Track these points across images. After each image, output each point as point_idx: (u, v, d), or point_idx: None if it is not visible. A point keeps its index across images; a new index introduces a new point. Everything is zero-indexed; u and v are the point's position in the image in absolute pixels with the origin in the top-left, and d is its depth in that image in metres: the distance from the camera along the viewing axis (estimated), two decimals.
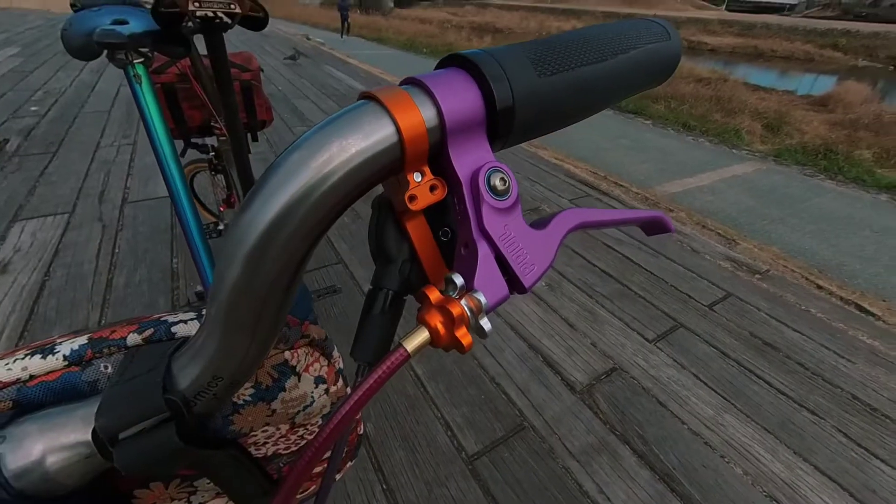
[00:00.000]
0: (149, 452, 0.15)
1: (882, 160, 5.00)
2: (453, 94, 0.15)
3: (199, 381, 0.16)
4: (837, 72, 18.26)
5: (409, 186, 0.15)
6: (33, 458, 0.14)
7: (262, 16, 0.61)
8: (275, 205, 0.13)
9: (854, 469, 1.01)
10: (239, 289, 0.14)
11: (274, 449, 0.23)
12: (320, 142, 0.14)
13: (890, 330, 1.51)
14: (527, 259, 0.16)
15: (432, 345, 0.14)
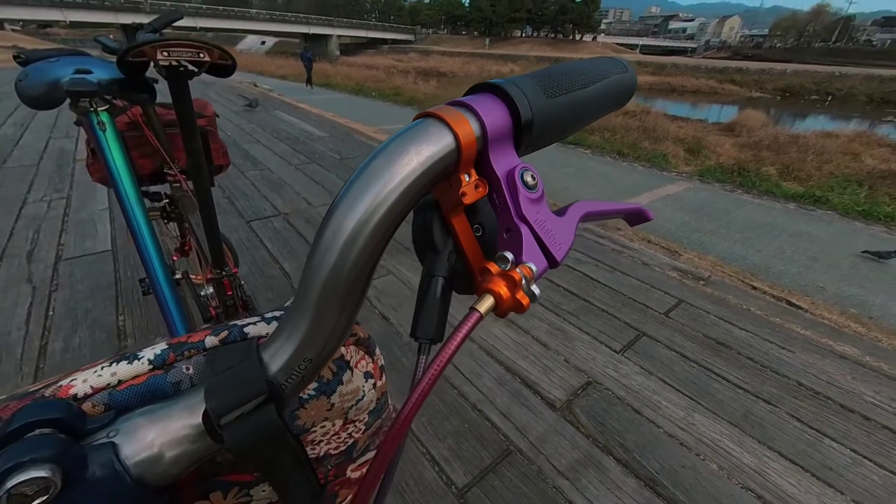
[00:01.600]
0: (254, 431, 0.16)
1: (784, 174, 5.75)
2: (490, 112, 0.18)
3: (290, 363, 0.18)
4: (737, 102, 21.09)
5: (462, 185, 0.18)
6: (147, 447, 0.15)
7: (230, 63, 0.62)
8: (365, 200, 0.16)
9: (811, 450, 1.09)
10: (335, 272, 0.16)
11: (326, 448, 0.23)
12: (400, 148, 0.17)
13: (817, 321, 1.69)
14: (555, 239, 0.19)
15: (495, 310, 0.17)
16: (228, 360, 0.17)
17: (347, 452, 0.25)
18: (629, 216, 0.24)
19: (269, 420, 0.16)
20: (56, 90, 0.63)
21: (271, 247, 2.03)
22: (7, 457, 0.12)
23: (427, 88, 12.98)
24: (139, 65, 0.57)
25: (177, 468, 0.15)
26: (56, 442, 0.13)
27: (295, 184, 2.94)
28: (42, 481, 0.12)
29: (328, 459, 0.24)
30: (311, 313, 0.17)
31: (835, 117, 17.93)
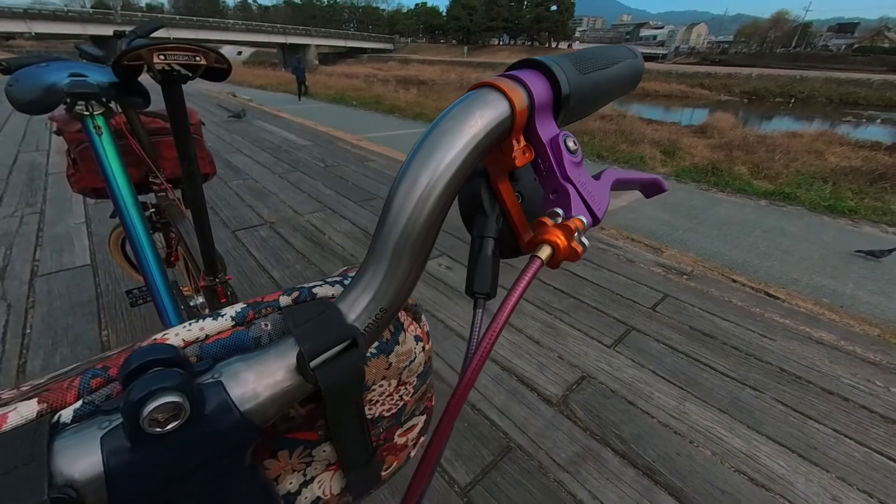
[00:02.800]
0: (340, 373, 0.17)
1: (755, 173, 5.99)
2: (536, 84, 0.20)
3: (367, 313, 0.19)
4: (708, 105, 21.91)
5: (513, 150, 0.20)
6: (249, 388, 0.16)
7: (225, 67, 0.63)
8: (436, 158, 0.18)
9: (796, 432, 1.14)
10: (409, 225, 0.18)
11: (380, 410, 0.24)
12: (466, 112, 0.19)
13: (794, 309, 1.76)
14: (595, 199, 0.21)
15: (552, 259, 0.19)
16: (308, 313, 0.19)
17: (397, 416, 0.26)
18: (646, 187, 0.26)
19: (355, 362, 0.18)
20: (51, 94, 0.62)
21: (258, 256, 2.00)
22: (141, 386, 0.13)
23: (408, 96, 13.04)
24: (134, 69, 0.57)
25: (273, 408, 0.16)
26: (178, 375, 0.14)
27: (280, 192, 2.91)
28: (174, 406, 0.13)
29: (381, 422, 0.25)
30: (385, 265, 0.19)
31: (798, 118, 18.84)
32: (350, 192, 2.99)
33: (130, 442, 0.13)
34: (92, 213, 2.34)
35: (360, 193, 2.96)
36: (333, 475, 0.24)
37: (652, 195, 0.27)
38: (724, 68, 36.42)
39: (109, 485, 0.13)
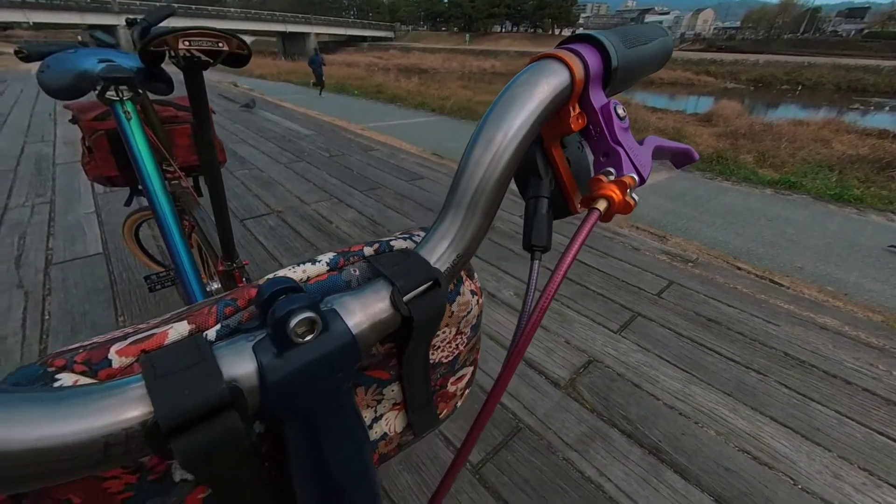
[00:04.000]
0: (428, 308, 0.20)
1: (760, 162, 5.95)
2: (591, 56, 0.22)
3: (445, 258, 0.22)
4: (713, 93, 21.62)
5: (570, 116, 0.23)
6: (356, 316, 0.18)
7: (245, 53, 0.64)
8: (511, 119, 0.20)
9: (799, 413, 1.17)
10: (485, 178, 0.21)
11: (440, 356, 0.26)
12: (534, 79, 0.21)
13: (798, 296, 1.78)
14: (641, 161, 0.23)
15: (607, 211, 0.22)
16: (395, 259, 0.21)
17: (452, 364, 0.28)
18: (679, 156, 0.28)
19: (438, 300, 0.20)
20: (84, 79, 0.63)
21: (267, 244, 2.02)
22: (284, 304, 0.15)
23: (409, 86, 12.92)
24: (159, 55, 0.58)
25: (373, 336, 0.18)
26: (309, 298, 0.16)
27: (286, 182, 2.92)
28: (310, 321, 0.16)
29: (439, 367, 0.27)
30: (462, 215, 0.21)
31: (805, 106, 18.59)
32: (355, 181, 2.99)
33: (277, 349, 0.15)
34: (101, 202, 2.36)
35: (365, 182, 2.97)
36: (398, 414, 0.26)
37: (682, 165, 0.29)
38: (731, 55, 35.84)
39: (262, 384, 0.15)
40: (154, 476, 0.16)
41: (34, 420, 0.11)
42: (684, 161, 0.28)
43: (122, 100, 0.65)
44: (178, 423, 0.13)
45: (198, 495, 0.18)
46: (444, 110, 8.50)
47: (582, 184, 0.27)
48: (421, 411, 0.27)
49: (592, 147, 0.24)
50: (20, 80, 7.79)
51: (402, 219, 2.39)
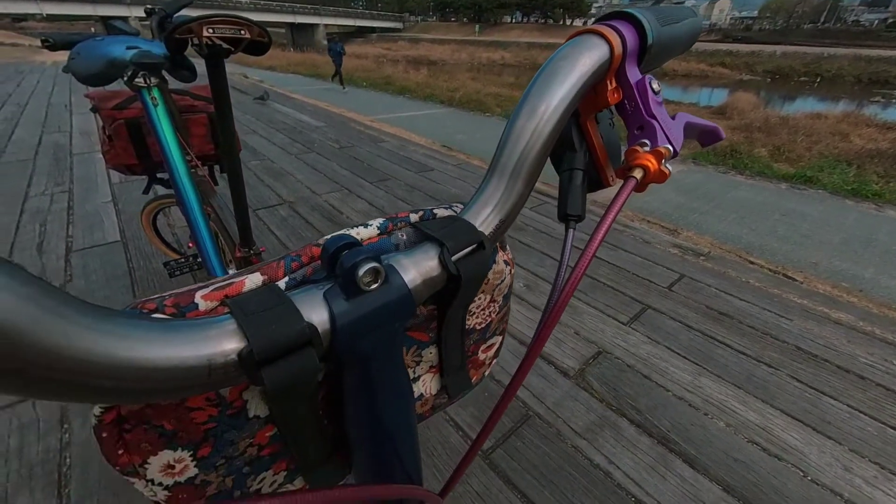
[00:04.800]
0: (473, 268, 0.21)
1: (776, 156, 5.83)
2: (628, 32, 0.23)
3: (488, 223, 0.23)
4: (728, 85, 21.15)
5: (609, 89, 0.24)
6: (410, 272, 0.19)
7: (266, 41, 0.65)
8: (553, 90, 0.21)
9: (811, 407, 1.16)
10: (528, 148, 0.22)
11: (474, 322, 0.27)
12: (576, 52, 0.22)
13: (812, 291, 1.76)
14: (673, 134, 0.24)
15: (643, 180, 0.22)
16: (442, 223, 0.22)
17: (483, 331, 0.29)
18: (705, 134, 0.29)
19: (482, 261, 0.21)
20: (115, 66, 0.65)
21: (279, 234, 2.05)
22: (352, 255, 0.17)
23: (418, 77, 12.83)
24: (183, 42, 0.59)
25: (425, 291, 0.20)
26: (372, 251, 0.18)
27: (296, 172, 2.95)
28: (375, 271, 0.17)
29: (472, 334, 0.28)
30: (505, 182, 0.22)
31: (824, 98, 18.09)
32: (365, 172, 3.01)
33: (346, 295, 0.17)
34: (118, 192, 2.41)
35: (375, 174, 2.98)
36: (433, 377, 0.27)
37: (708, 144, 0.29)
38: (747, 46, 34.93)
39: (332, 327, 0.16)
40: (232, 411, 0.18)
41: (158, 343, 0.13)
42: (711, 140, 0.29)
43: (149, 86, 0.67)
44: (268, 354, 0.14)
45: (266, 433, 0.20)
46: (453, 102, 8.45)
47: (612, 158, 0.27)
48: (455, 374, 0.28)
49: (627, 120, 0.25)
50: (36, 72, 7.91)
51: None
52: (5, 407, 1.06)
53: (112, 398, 0.12)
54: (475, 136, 5.46)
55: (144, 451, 0.17)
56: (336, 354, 0.17)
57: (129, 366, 0.12)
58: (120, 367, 0.12)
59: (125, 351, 0.12)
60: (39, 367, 0.10)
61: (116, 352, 0.12)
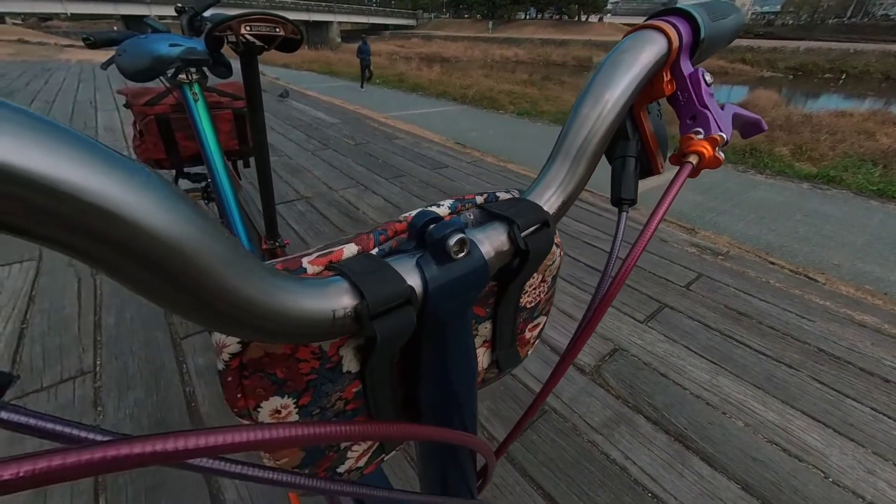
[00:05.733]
0: (540, 245, 0.23)
1: (797, 154, 5.68)
2: (684, 27, 0.24)
3: (552, 202, 0.24)
4: (748, 82, 20.63)
5: (664, 81, 0.25)
6: (485, 245, 0.21)
7: (298, 38, 0.67)
8: (618, 79, 0.23)
9: (833, 409, 1.15)
10: (592, 133, 0.23)
11: (525, 300, 0.29)
12: (638, 45, 0.23)
13: (835, 292, 1.72)
14: (723, 123, 0.25)
15: (698, 165, 0.24)
16: (509, 204, 0.23)
17: (532, 310, 0.30)
18: (748, 126, 0.29)
19: (547, 238, 0.23)
20: (161, 62, 0.68)
21: (298, 228, 2.09)
22: (441, 227, 0.19)
23: (431, 74, 12.83)
24: (220, 40, 0.62)
25: (497, 263, 0.21)
26: (459, 224, 0.19)
27: (313, 168, 2.99)
28: (463, 241, 0.19)
29: (522, 312, 0.29)
30: (569, 164, 0.24)
31: (849, 96, 17.52)
32: (381, 168, 3.03)
33: (437, 262, 0.19)
34: None
35: (391, 170, 3.01)
36: (486, 351, 0.29)
37: (750, 135, 0.30)
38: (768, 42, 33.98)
39: (425, 290, 0.18)
40: (330, 364, 0.20)
41: (302, 295, 0.15)
42: (753, 131, 0.30)
43: (191, 82, 0.69)
44: (379, 308, 0.16)
45: (352, 389, 0.22)
46: (466, 99, 8.44)
47: (661, 147, 0.29)
48: (507, 350, 0.30)
49: (679, 110, 0.26)
50: (62, 70, 8.15)
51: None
52: None
53: (264, 335, 0.15)
54: (488, 133, 5.45)
55: (258, 395, 0.19)
56: (425, 315, 0.19)
57: (283, 311, 0.14)
58: (277, 312, 0.14)
59: (282, 300, 0.14)
60: (227, 304, 0.13)
61: (277, 299, 0.14)
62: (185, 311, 0.12)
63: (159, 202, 0.11)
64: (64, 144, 0.09)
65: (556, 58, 28.38)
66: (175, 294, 0.12)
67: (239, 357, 0.17)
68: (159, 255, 0.11)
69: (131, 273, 0.11)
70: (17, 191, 0.08)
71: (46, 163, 0.09)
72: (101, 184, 0.10)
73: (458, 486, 0.29)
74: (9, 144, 0.08)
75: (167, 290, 0.12)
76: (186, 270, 0.11)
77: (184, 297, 0.12)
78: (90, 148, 0.10)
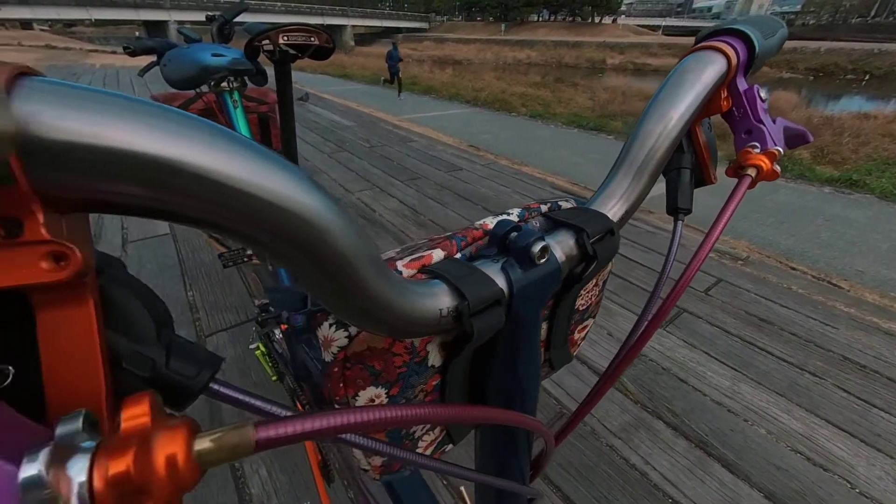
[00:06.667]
0: (605, 252, 0.24)
1: (818, 158, 5.54)
2: (740, 47, 0.26)
3: (616, 211, 0.26)
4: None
5: (721, 98, 0.26)
6: (558, 253, 0.22)
7: (331, 46, 0.69)
8: (682, 96, 0.24)
9: (859, 419, 1.12)
10: (655, 147, 0.25)
11: (579, 303, 0.30)
12: (699, 64, 0.25)
13: (860, 299, 1.69)
14: (777, 137, 0.27)
15: (756, 177, 0.25)
16: (575, 213, 0.25)
17: (583, 313, 0.32)
18: (793, 137, 0.30)
19: (613, 245, 0.24)
20: (206, 71, 0.71)
21: None
22: (526, 235, 0.20)
23: (443, 77, 12.88)
24: (258, 49, 0.64)
25: (567, 267, 0.23)
26: (539, 232, 0.21)
27: (330, 170, 3.04)
28: (546, 248, 0.20)
29: (574, 314, 0.31)
30: (632, 175, 0.26)
31: (872, 97, 17.01)
32: (396, 171, 3.06)
33: (521, 267, 0.20)
34: None
35: (406, 173, 3.03)
36: (541, 350, 0.30)
37: (795, 146, 0.31)
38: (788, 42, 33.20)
39: (511, 292, 0.20)
40: (418, 359, 0.22)
41: (419, 296, 0.17)
42: (799, 142, 0.30)
43: (232, 90, 0.72)
44: (476, 308, 0.18)
45: (432, 382, 0.24)
46: (478, 102, 8.45)
47: (712, 159, 0.29)
48: (560, 349, 0.31)
49: (734, 125, 0.27)
50: (87, 73, 8.42)
51: (443, 209, 2.43)
52: None
53: (388, 330, 0.17)
54: (501, 135, 5.45)
55: (357, 385, 0.21)
56: (509, 314, 0.20)
57: (408, 310, 0.16)
58: (404, 310, 0.16)
59: (408, 300, 0.16)
60: (370, 301, 0.15)
61: (405, 299, 0.16)
62: (332, 302, 0.15)
63: (332, 210, 0.13)
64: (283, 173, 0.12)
65: (568, 60, 28.22)
66: (337, 296, 0.14)
67: (344, 350, 0.19)
68: (337, 264, 0.14)
69: (312, 277, 0.14)
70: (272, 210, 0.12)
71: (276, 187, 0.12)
72: (304, 202, 0.12)
73: (514, 474, 0.30)
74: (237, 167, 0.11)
75: (339, 301, 0.15)
76: (347, 271, 0.14)
77: (339, 290, 0.14)
78: (296, 176, 0.12)
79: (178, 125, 0.10)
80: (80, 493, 0.09)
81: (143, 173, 0.10)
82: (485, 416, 0.21)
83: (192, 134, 0.10)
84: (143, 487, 0.10)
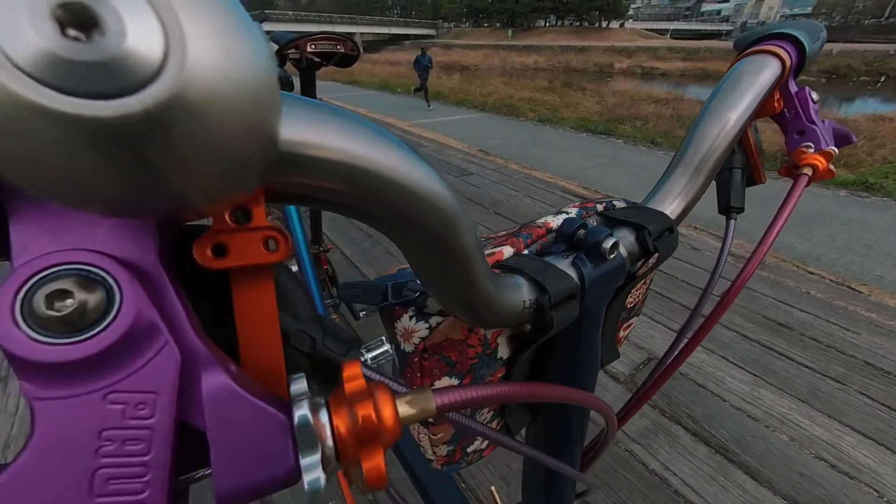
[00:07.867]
0: (666, 247, 0.24)
1: (833, 161, 5.46)
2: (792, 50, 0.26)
3: (673, 209, 0.27)
4: None
5: (774, 99, 0.27)
6: (626, 245, 0.23)
7: (355, 54, 0.71)
8: (738, 97, 0.25)
9: (885, 426, 1.10)
10: (713, 147, 0.26)
11: (628, 301, 0.31)
12: (756, 68, 0.26)
13: (881, 303, 1.65)
14: (829, 136, 0.27)
15: (812, 176, 0.26)
16: (632, 212, 0.25)
17: (630, 310, 0.32)
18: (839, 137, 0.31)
19: (672, 242, 0.25)
20: None
21: (329, 234, 2.14)
22: (596, 232, 0.21)
23: (451, 83, 12.95)
24: (286, 58, 0.66)
25: (629, 262, 0.23)
26: (608, 230, 0.22)
27: None
28: (615, 244, 0.21)
29: (623, 311, 0.31)
30: (689, 175, 0.26)
31: (888, 99, 16.73)
32: None
33: (592, 263, 0.21)
34: None
35: None
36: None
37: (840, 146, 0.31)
38: None
39: (583, 286, 0.21)
40: (489, 351, 0.23)
41: (506, 287, 0.18)
42: (844, 142, 0.31)
43: None
44: (557, 300, 0.19)
45: (498, 374, 0.25)
46: (486, 107, 8.49)
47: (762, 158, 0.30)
48: (609, 345, 0.31)
49: (785, 126, 0.28)
50: None
51: None
52: None
53: (480, 321, 0.18)
54: (510, 140, 5.46)
55: (434, 375, 0.21)
56: (582, 307, 0.21)
57: (502, 303, 0.18)
58: (498, 303, 0.17)
59: (503, 293, 0.18)
60: (476, 293, 0.16)
61: (501, 292, 0.18)
62: (444, 289, 0.16)
63: (461, 208, 0.14)
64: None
65: (576, 64, 28.22)
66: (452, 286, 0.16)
67: (424, 341, 0.20)
68: (462, 256, 0.15)
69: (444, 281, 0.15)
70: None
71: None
72: (450, 202, 0.14)
73: (569, 461, 0.30)
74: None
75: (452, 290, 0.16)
76: (467, 264, 0.15)
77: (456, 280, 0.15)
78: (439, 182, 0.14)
79: (379, 137, 0.12)
80: (332, 434, 0.11)
81: (360, 178, 0.11)
82: (562, 396, 0.22)
83: (382, 144, 0.12)
84: (372, 434, 0.12)
